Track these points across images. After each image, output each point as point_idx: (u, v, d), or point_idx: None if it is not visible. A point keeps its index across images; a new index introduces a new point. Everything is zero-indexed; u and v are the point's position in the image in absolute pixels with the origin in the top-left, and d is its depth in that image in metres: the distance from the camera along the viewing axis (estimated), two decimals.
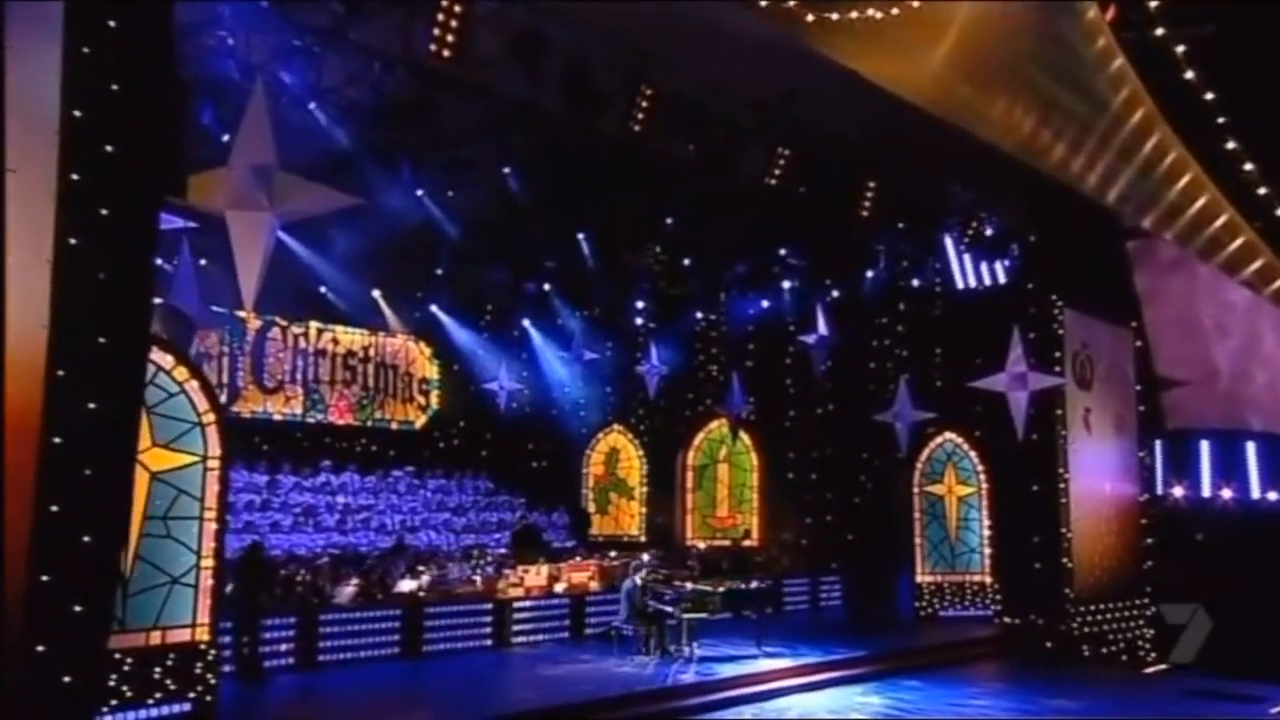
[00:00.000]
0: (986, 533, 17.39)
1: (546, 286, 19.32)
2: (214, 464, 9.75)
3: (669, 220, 15.79)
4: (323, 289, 17.70)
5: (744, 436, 19.77)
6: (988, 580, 17.24)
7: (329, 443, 18.50)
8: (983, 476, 17.53)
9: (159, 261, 11.29)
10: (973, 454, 17.60)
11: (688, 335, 20.35)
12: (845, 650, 13.64)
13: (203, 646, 9.59)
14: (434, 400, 20.17)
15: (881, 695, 11.96)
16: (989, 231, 17.13)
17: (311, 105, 11.43)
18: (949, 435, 17.67)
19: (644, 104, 11.78)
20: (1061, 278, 16.60)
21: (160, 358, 9.41)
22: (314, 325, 18.53)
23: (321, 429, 18.48)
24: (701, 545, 18.95)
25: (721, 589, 13.54)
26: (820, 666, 12.78)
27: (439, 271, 17.91)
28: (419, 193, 14.02)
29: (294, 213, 8.63)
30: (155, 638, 9.28)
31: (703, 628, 13.85)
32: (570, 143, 12.95)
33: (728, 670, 12.27)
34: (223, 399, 17.01)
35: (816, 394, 19.54)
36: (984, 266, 18.13)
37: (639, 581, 13.18)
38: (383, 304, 19.06)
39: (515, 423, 20.26)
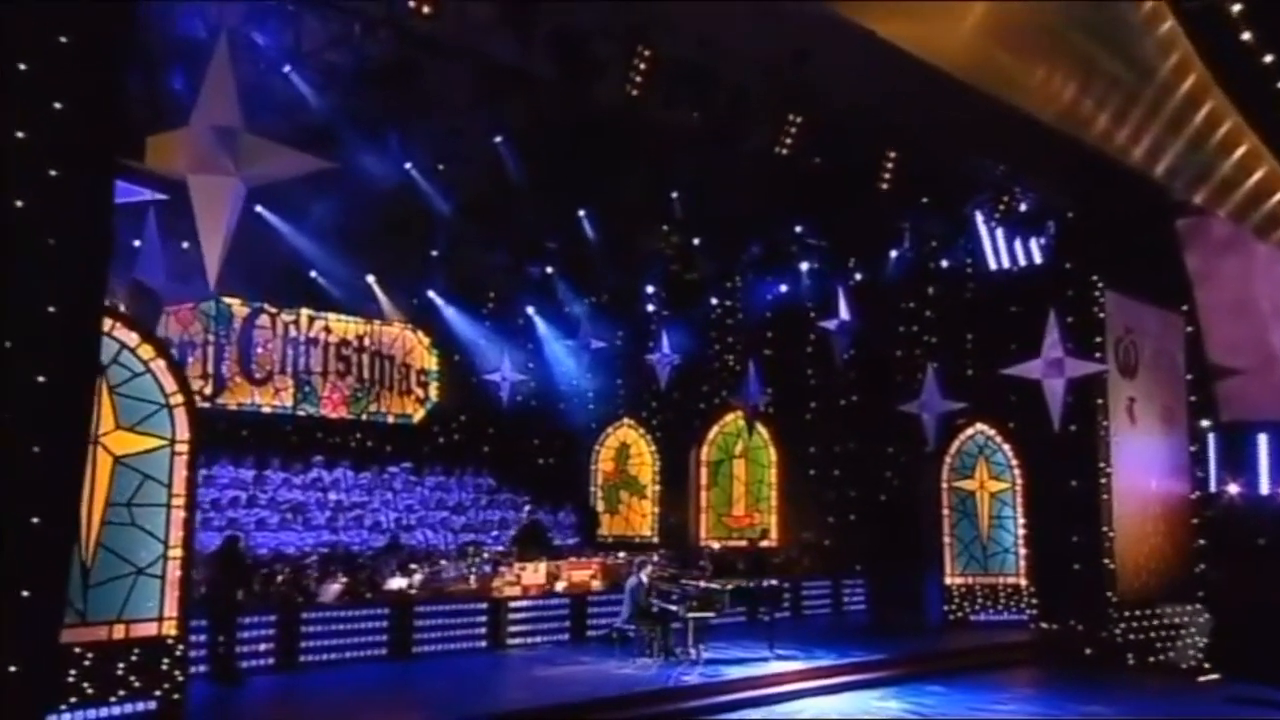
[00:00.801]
0: (1021, 532, 17.12)
1: (549, 269, 19.24)
2: (183, 448, 9.71)
3: (675, 195, 15.63)
4: (313, 273, 17.74)
5: (761, 430, 19.63)
6: (1023, 583, 16.98)
7: (321, 437, 18.53)
8: (1017, 471, 17.28)
9: (136, 242, 11.47)
10: (1006, 447, 17.35)
11: (701, 322, 20.22)
12: (864, 653, 13.52)
13: (170, 641, 9.54)
14: (433, 392, 20.15)
15: (901, 700, 11.82)
16: (1023, 207, 16.84)
17: (287, 69, 11.38)
18: (980, 427, 17.41)
19: (642, 66, 11.64)
20: (1103, 257, 16.31)
21: (125, 335, 9.40)
22: (305, 313, 18.53)
23: (313, 423, 18.50)
24: (716, 546, 18.80)
25: (730, 587, 13.36)
26: (836, 669, 12.68)
27: (434, 253, 17.88)
28: (407, 165, 13.95)
29: (261, 177, 8.56)
30: (118, 631, 9.24)
31: (713, 631, 13.77)
32: (567, 111, 12.85)
33: (735, 672, 12.19)
34: (207, 390, 17.11)
35: (838, 384, 19.34)
36: (1018, 245, 17.85)
37: (644, 579, 13.09)
38: (377, 290, 19.08)
39: (519, 416, 20.25)
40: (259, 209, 15.64)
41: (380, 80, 11.85)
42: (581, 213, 16.91)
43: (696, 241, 17.95)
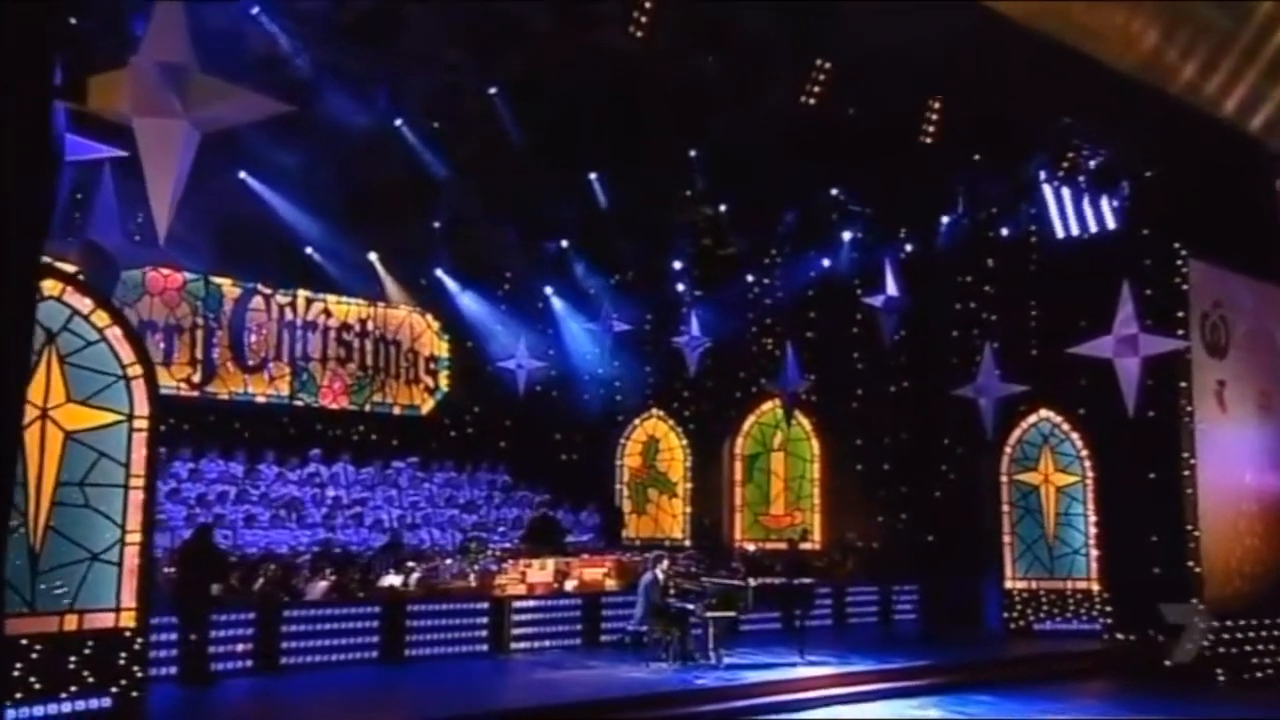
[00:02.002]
0: (1092, 530, 16.72)
1: (565, 244, 19.15)
2: (141, 424, 9.75)
3: (693, 153, 15.45)
4: (309, 250, 17.83)
5: (802, 420, 19.41)
6: (1094, 588, 16.58)
7: (320, 430, 18.58)
8: (1087, 462, 16.90)
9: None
10: (1075, 435, 16.99)
11: (735, 301, 19.97)
12: (905, 661, 13.29)
13: (128, 634, 9.58)
14: (442, 381, 20.19)
15: (942, 709, 11.59)
16: (1092, 165, 16.43)
17: (258, 13, 11.41)
18: (1045, 413, 17.09)
19: (647, 5, 11.49)
20: (1186, 221, 15.87)
21: (76, 300, 9.47)
22: (302, 294, 18.63)
23: (311, 414, 18.58)
24: (751, 548, 18.57)
25: (753, 583, 13.16)
26: (870, 676, 12.51)
27: (439, 226, 17.84)
28: (398, 122, 13.95)
29: (214, 120, 8.54)
30: (71, 622, 9.26)
31: (742, 638, 13.71)
32: (570, 63, 12.75)
33: (756, 677, 12.03)
34: (196, 378, 17.29)
35: (888, 368, 19.05)
36: (1088, 209, 17.40)
37: (659, 576, 12.95)
38: (380, 269, 19.12)
39: (537, 407, 20.17)
40: (247, 177, 15.90)
41: (362, 30, 11.84)
42: (596, 180, 16.78)
43: (723, 208, 17.72)
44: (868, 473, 19.46)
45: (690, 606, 12.72)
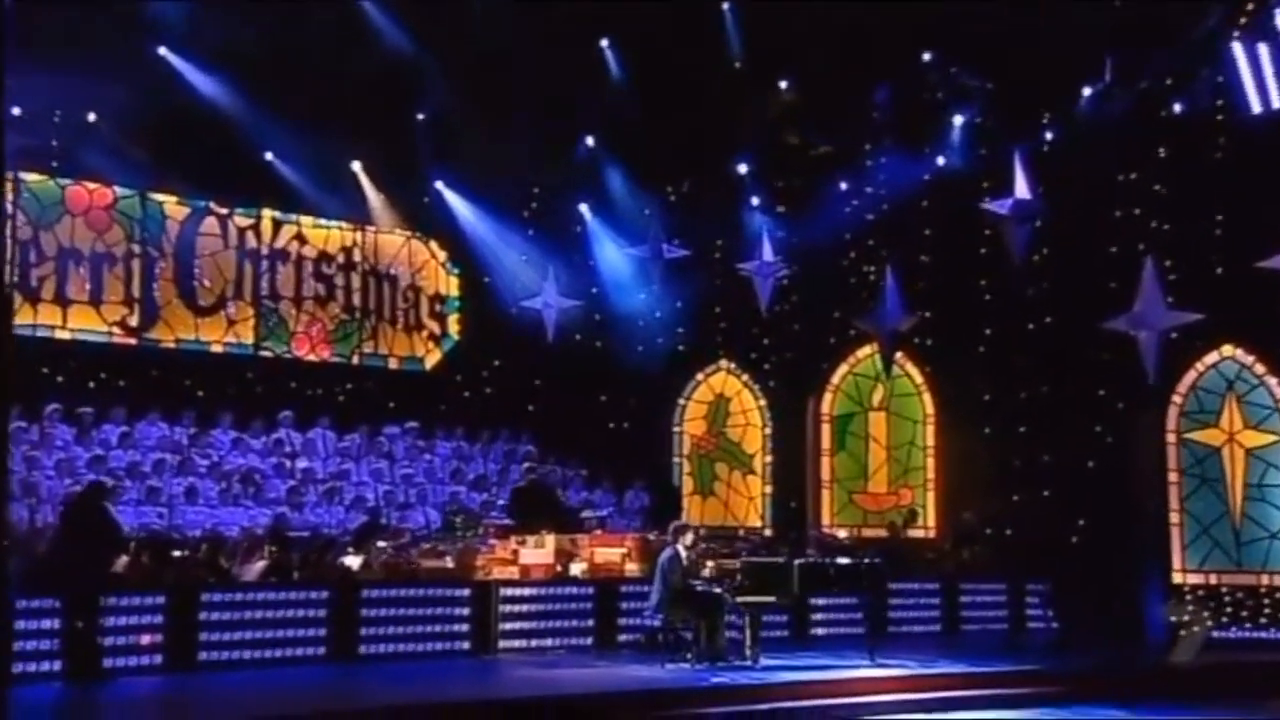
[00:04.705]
0: None
1: (590, 141, 19.04)
2: None
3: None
4: (271, 157, 17.96)
5: (909, 369, 19.17)
6: None
7: (295, 388, 18.82)
8: None
9: None
10: (1271, 380, 16.54)
11: (822, 215, 19.48)
12: (1004, 665, 13.15)
13: None
14: (452, 327, 20.32)
15: None
16: None
17: None
18: (1230, 350, 16.70)
19: None
20: None
21: None
22: (268, 215, 18.85)
23: (283, 367, 18.87)
24: (842, 534, 18.22)
25: (798, 561, 12.92)
26: (948, 681, 12.29)
27: (420, 117, 17.82)
28: None
29: None
30: None
31: (810, 641, 14.13)
32: None
33: (793, 678, 11.86)
34: (132, 321, 17.63)
35: (1022, 298, 18.49)
36: None
37: (682, 552, 12.75)
38: (366, 182, 19.19)
39: (571, 359, 20.12)
40: (180, 62, 16.08)
41: None
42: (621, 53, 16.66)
43: (783, 85, 17.39)
44: (996, 436, 18.96)
45: (719, 590, 12.52)
